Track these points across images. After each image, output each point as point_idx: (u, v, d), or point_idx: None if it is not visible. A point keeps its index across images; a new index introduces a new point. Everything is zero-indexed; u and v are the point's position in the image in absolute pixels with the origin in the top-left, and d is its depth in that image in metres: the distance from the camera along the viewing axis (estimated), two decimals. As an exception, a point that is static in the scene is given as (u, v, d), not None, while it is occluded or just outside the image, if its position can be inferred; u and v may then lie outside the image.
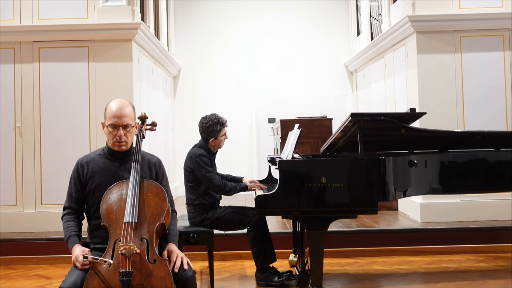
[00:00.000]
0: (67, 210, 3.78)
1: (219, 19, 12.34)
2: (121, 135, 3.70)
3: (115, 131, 3.70)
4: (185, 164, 5.64)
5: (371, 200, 4.58)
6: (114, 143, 3.73)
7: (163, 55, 9.96)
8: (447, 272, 6.03)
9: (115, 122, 3.69)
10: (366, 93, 11.02)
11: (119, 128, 3.69)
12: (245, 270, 6.34)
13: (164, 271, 3.32)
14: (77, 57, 7.77)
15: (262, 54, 12.32)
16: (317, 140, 8.56)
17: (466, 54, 7.75)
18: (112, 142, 3.73)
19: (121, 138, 3.70)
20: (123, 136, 3.70)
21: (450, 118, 7.67)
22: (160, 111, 10.13)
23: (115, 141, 3.71)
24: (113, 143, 3.74)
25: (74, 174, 3.81)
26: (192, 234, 5.35)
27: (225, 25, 12.33)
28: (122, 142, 3.72)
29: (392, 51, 8.97)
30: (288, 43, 12.33)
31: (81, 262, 3.37)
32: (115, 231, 3.44)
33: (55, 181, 7.58)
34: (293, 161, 4.80)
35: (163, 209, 3.58)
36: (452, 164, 5.16)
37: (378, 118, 4.94)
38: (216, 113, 5.75)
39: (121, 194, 3.59)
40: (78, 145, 7.59)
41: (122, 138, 3.71)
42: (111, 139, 3.73)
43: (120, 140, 3.71)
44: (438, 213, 7.50)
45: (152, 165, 3.88)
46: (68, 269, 3.52)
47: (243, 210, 5.61)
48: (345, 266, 6.40)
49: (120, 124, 3.69)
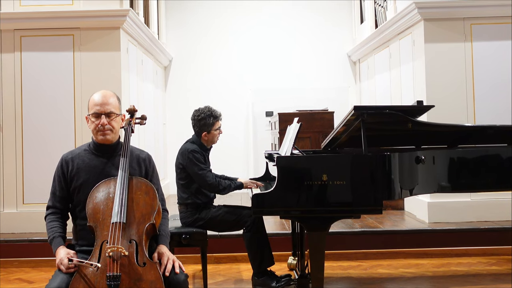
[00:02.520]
0: (51, 210, 3.78)
1: (214, 6, 12.30)
2: (104, 123, 3.70)
3: (97, 120, 3.71)
4: (177, 160, 5.64)
5: (375, 199, 4.57)
6: (97, 132, 3.73)
7: (153, 44, 9.95)
8: (457, 276, 6.04)
9: (97, 110, 3.70)
10: (370, 85, 11.02)
11: (101, 117, 3.70)
12: (241, 273, 6.35)
13: (155, 274, 3.31)
14: (61, 46, 7.76)
15: (260, 43, 12.29)
16: (317, 135, 8.57)
17: (477, 43, 7.75)
18: (96, 132, 3.73)
19: (104, 126, 3.70)
20: (106, 124, 3.71)
21: (460, 111, 7.67)
22: (150, 104, 10.13)
23: (98, 130, 3.71)
24: (96, 133, 3.74)
25: (58, 171, 3.80)
26: (184, 236, 5.35)
27: (220, 12, 12.30)
28: (106, 131, 3.72)
29: (398, 39, 8.96)
30: (287, 31, 12.30)
31: (65, 265, 3.37)
32: (102, 232, 3.44)
33: (38, 179, 7.56)
34: (292, 157, 4.80)
35: (153, 209, 3.57)
36: (462, 160, 5.16)
37: (382, 111, 4.94)
38: (210, 106, 5.75)
39: (109, 192, 3.59)
40: (62, 140, 7.59)
41: (105, 126, 3.71)
42: (94, 130, 3.74)
43: (103, 129, 3.71)
44: (447, 213, 7.51)
45: (142, 161, 3.88)
46: (51, 272, 3.52)
47: (238, 209, 5.61)
48: (348, 270, 6.41)
49: (102, 111, 3.70)
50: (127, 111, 4.04)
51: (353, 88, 12.21)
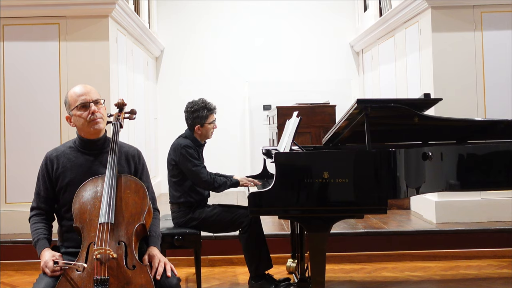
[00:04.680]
0: (35, 211, 3.78)
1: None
2: (95, 110, 3.70)
3: (86, 110, 3.71)
4: (169, 156, 5.63)
5: (379, 197, 4.57)
6: (90, 123, 3.71)
7: (143, 33, 9.93)
8: (466, 280, 6.05)
9: (83, 100, 3.71)
10: (374, 76, 11.02)
11: (90, 105, 3.70)
12: (237, 277, 6.35)
13: (145, 278, 3.31)
14: (46, 35, 7.74)
15: (257, 32, 12.25)
16: (318, 129, 8.58)
17: (488, 32, 7.75)
18: (88, 123, 3.72)
19: (95, 113, 3.70)
20: (97, 111, 3.71)
21: (469, 104, 7.67)
22: (140, 97, 10.12)
23: (90, 119, 3.71)
24: (88, 123, 3.72)
25: (43, 170, 3.80)
26: (176, 237, 5.35)
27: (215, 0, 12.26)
28: (98, 119, 3.72)
29: (403, 28, 8.96)
30: (286, 19, 12.26)
31: (50, 268, 3.36)
32: (89, 234, 3.44)
33: (22, 177, 7.55)
34: (292, 154, 4.80)
35: (143, 208, 3.57)
36: (472, 157, 5.16)
37: (387, 104, 4.93)
38: (205, 98, 5.74)
39: (96, 191, 3.59)
40: (47, 136, 7.58)
41: (97, 114, 3.71)
42: (85, 122, 3.72)
43: (96, 117, 3.71)
44: (456, 213, 7.52)
45: (131, 157, 3.88)
46: (36, 276, 3.51)
47: (234, 209, 5.62)
48: (350, 273, 6.42)
49: (89, 100, 3.71)
50: (115, 105, 4.04)
51: (356, 80, 12.20)
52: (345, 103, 8.53)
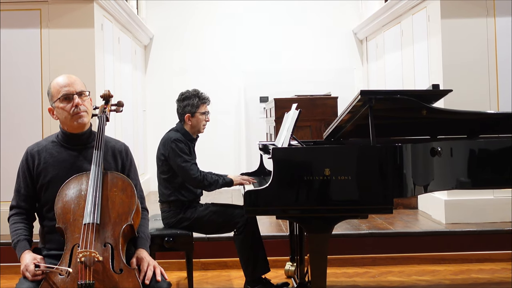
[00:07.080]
0: (15, 210, 3.78)
1: (200, -24, 12.25)
2: (79, 103, 3.70)
3: (69, 103, 3.71)
4: (158, 151, 5.63)
5: (385, 196, 4.58)
6: (73, 116, 3.71)
7: (131, 19, 9.91)
8: (478, 284, 6.06)
9: (66, 91, 3.71)
10: (378, 66, 11.03)
11: (74, 97, 3.70)
12: (231, 281, 6.36)
13: (133, 282, 3.31)
14: (26, 22, 7.71)
15: (253, 19, 12.19)
16: (319, 123, 8.59)
17: (501, 18, 7.74)
18: (71, 116, 3.71)
19: (79, 106, 3.70)
20: (81, 104, 3.70)
21: (481, 96, 7.67)
22: (128, 88, 10.10)
23: (74, 112, 3.70)
24: (71, 118, 3.72)
25: (23, 166, 3.80)
26: (167, 238, 5.36)
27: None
28: (82, 112, 3.72)
29: (410, 14, 8.96)
30: (284, 5, 12.21)
31: (31, 272, 3.36)
32: (73, 235, 3.44)
33: (0, 174, 7.54)
34: (290, 149, 4.80)
35: (131, 208, 3.57)
36: (484, 152, 5.16)
37: (393, 96, 4.94)
38: (199, 89, 5.74)
39: (80, 189, 3.59)
40: (28, 131, 7.56)
41: (81, 107, 3.70)
42: (68, 115, 3.71)
43: (79, 110, 3.70)
44: (467, 213, 7.53)
45: (117, 153, 3.88)
46: (16, 280, 3.51)
47: (229, 209, 5.62)
48: (354, 277, 6.43)
49: (73, 91, 3.71)
50: (101, 96, 4.03)
51: (359, 69, 12.19)
52: (347, 95, 8.55)
